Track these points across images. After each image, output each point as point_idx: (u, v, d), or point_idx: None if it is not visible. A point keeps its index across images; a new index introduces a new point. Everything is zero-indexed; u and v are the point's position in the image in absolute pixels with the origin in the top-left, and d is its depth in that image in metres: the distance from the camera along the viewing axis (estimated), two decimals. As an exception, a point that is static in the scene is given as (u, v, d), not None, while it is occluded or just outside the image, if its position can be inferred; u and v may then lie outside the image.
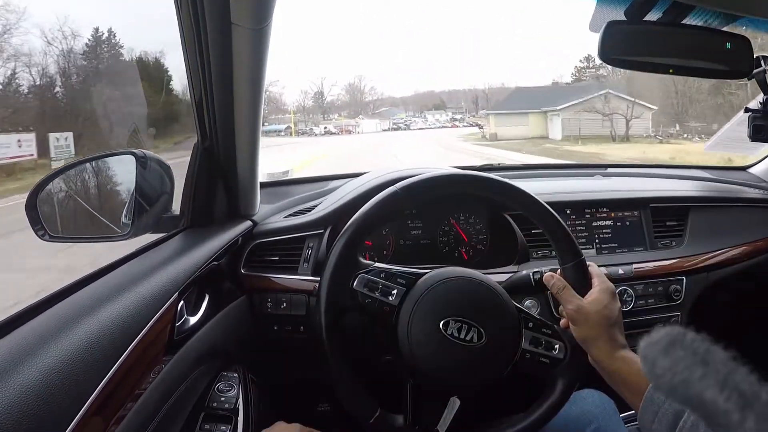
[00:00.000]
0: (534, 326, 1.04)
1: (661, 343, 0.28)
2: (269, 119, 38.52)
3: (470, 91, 50.41)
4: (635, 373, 0.90)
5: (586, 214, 1.60)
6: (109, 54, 12.40)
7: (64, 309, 0.78)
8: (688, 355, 0.27)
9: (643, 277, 1.50)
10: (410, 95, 51.69)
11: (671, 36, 0.98)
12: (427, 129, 42.81)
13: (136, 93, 9.73)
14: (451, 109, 48.99)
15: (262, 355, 1.39)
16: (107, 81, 12.38)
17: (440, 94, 52.87)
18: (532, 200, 1.08)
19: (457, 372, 1.00)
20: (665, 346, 0.28)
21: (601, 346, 0.96)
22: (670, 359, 0.28)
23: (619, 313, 1.00)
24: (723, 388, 0.26)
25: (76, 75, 11.78)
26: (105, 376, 0.70)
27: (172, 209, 1.25)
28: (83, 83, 11.75)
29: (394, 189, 1.06)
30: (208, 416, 0.96)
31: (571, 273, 1.05)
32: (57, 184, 1.13)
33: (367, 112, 48.90)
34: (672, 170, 2.11)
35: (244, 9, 0.98)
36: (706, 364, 0.27)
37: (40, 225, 1.09)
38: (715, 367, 0.26)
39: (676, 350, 0.28)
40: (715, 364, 0.27)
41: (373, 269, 1.04)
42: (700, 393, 0.26)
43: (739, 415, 0.25)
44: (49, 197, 1.12)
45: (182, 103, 9.70)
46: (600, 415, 1.17)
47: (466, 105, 48.07)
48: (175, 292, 0.95)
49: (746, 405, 0.25)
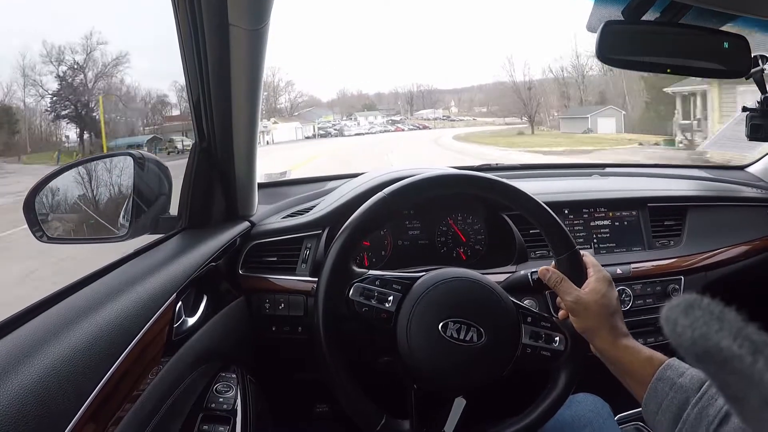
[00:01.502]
0: (533, 320, 1.04)
1: (681, 306, 0.33)
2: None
3: (395, 94, 47.29)
4: (639, 363, 0.90)
5: (584, 213, 1.60)
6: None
7: (63, 310, 0.78)
8: (705, 314, 0.31)
9: (641, 276, 1.50)
10: (336, 98, 46.54)
11: (669, 35, 0.99)
12: (367, 134, 37.37)
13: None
14: (384, 111, 45.91)
15: (260, 355, 1.39)
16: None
17: (373, 96, 49.44)
18: (523, 196, 1.09)
19: (459, 373, 1.00)
20: (685, 307, 0.32)
21: (604, 335, 0.96)
22: (689, 318, 0.32)
23: (618, 301, 1.01)
24: (736, 338, 0.29)
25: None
26: (103, 378, 0.70)
27: (170, 210, 1.25)
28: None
29: (382, 195, 1.06)
30: (207, 417, 0.96)
31: (566, 264, 1.05)
32: (55, 185, 1.13)
33: (282, 114, 40.22)
34: (670, 170, 2.11)
35: (242, 10, 0.98)
36: (721, 320, 0.31)
37: (38, 227, 1.09)
38: (729, 322, 0.30)
39: (695, 311, 0.32)
40: (729, 321, 0.31)
41: (368, 277, 1.04)
42: (718, 342, 0.30)
43: (751, 358, 0.29)
44: (47, 199, 1.12)
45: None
46: (595, 418, 1.17)
47: (402, 105, 45.65)
48: (173, 293, 0.94)
49: (757, 350, 0.29)
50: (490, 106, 44.61)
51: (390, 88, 58.11)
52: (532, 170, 2.09)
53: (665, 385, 0.82)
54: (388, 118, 43.16)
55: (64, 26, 48.59)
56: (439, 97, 47.10)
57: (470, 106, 48.74)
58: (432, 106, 45.88)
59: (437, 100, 46.76)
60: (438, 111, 45.09)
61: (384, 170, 1.60)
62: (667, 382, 0.83)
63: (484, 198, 1.50)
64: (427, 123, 41.06)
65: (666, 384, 0.83)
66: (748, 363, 0.28)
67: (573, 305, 0.99)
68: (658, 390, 0.83)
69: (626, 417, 1.40)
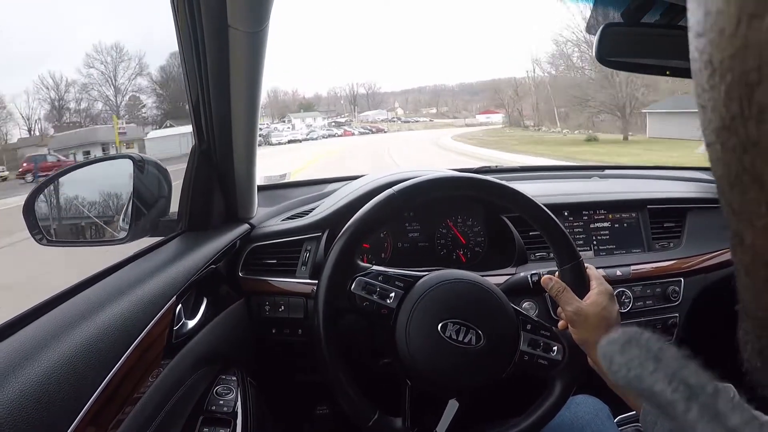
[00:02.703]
0: (532, 328, 1.05)
1: (619, 342, 0.31)
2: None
3: (335, 95, 44.87)
4: None
5: (583, 215, 1.60)
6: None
7: (63, 313, 0.78)
8: (642, 352, 0.30)
9: (641, 278, 1.50)
10: (266, 98, 42.90)
11: (668, 38, 0.98)
12: (305, 141, 30.72)
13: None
14: (324, 112, 42.65)
15: (260, 358, 1.39)
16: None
17: (311, 98, 46.86)
18: (529, 202, 1.08)
19: (456, 374, 1.00)
20: (622, 344, 0.31)
21: None
22: (625, 356, 0.30)
23: (618, 316, 1.00)
24: (671, 381, 0.28)
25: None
26: (103, 380, 0.70)
27: (170, 213, 1.25)
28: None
29: (390, 192, 1.06)
30: (207, 420, 0.96)
31: (569, 275, 1.05)
32: (55, 188, 1.13)
33: (181, 116, 33.54)
34: (670, 171, 2.11)
35: (241, 12, 0.98)
36: (657, 361, 0.29)
37: (38, 230, 1.09)
38: (666, 362, 0.29)
39: (632, 348, 0.30)
40: (667, 360, 0.29)
41: (371, 272, 1.04)
42: (651, 386, 0.28)
43: (684, 405, 0.27)
44: (47, 202, 1.12)
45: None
46: (594, 420, 1.17)
47: (344, 106, 43.35)
48: (173, 295, 0.94)
49: (692, 396, 0.27)
50: (441, 107, 43.93)
51: (328, 89, 55.81)
52: (531, 172, 2.10)
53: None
54: (330, 120, 39.61)
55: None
56: (382, 98, 46.19)
57: (416, 107, 48.05)
58: (376, 107, 44.54)
59: (381, 101, 45.79)
60: (383, 112, 43.59)
61: (385, 172, 1.61)
62: None
63: (486, 201, 1.50)
64: (380, 125, 38.48)
65: None
66: (681, 410, 0.27)
67: (573, 316, 0.99)
68: None
69: (625, 419, 1.40)
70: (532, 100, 32.65)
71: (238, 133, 1.21)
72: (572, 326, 1.00)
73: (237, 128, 1.20)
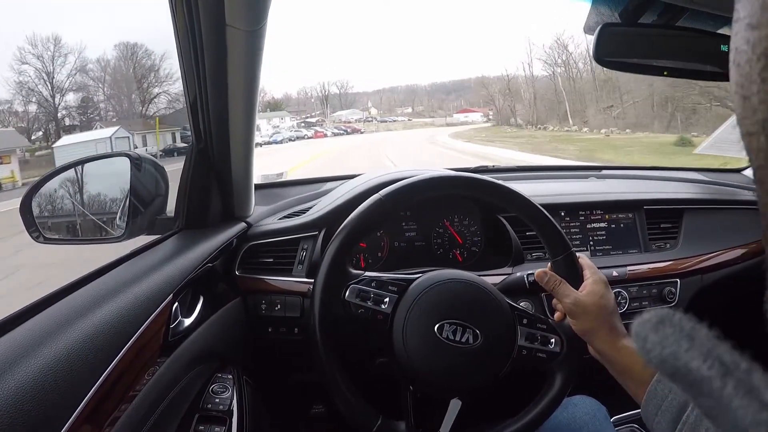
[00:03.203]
0: (528, 322, 1.05)
1: (652, 322, 0.31)
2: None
3: (305, 95, 42.78)
4: (640, 364, 0.90)
5: (580, 216, 1.60)
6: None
7: (60, 311, 0.78)
8: (676, 331, 0.30)
9: (637, 279, 1.50)
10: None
11: (666, 38, 0.99)
12: (267, 145, 26.92)
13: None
14: (293, 112, 38.43)
15: (256, 356, 1.39)
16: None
17: (279, 99, 43.88)
18: (519, 197, 1.09)
19: (455, 374, 1.00)
20: (655, 323, 0.31)
21: (603, 336, 0.96)
22: (659, 335, 0.31)
23: (615, 302, 1.01)
24: (706, 358, 0.28)
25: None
26: (100, 378, 0.70)
27: (167, 211, 1.25)
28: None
29: (378, 197, 1.06)
30: (203, 418, 0.96)
31: (562, 266, 1.05)
32: (52, 186, 1.12)
33: (127, 117, 30.74)
34: (666, 172, 2.11)
35: (239, 10, 0.98)
36: (692, 339, 0.29)
37: (35, 227, 1.09)
38: (700, 341, 0.29)
39: (665, 327, 0.31)
40: (700, 339, 0.29)
41: (364, 278, 1.05)
42: (687, 363, 0.29)
43: (720, 381, 0.27)
44: (44, 200, 1.12)
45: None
46: (591, 421, 1.17)
47: (315, 105, 40.99)
48: (169, 293, 0.94)
49: (727, 372, 0.27)
50: (416, 106, 43.20)
51: (299, 89, 53.25)
52: (528, 172, 2.10)
53: (665, 387, 0.82)
54: (299, 120, 36.14)
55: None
56: (355, 98, 45.50)
57: (391, 107, 47.51)
58: (349, 107, 43.53)
59: (354, 101, 45.10)
60: (357, 111, 42.40)
61: (382, 171, 1.61)
62: (667, 384, 0.82)
63: (480, 199, 1.50)
64: (355, 125, 36.13)
65: (666, 386, 0.82)
66: (716, 386, 0.27)
67: (572, 307, 0.99)
68: (658, 391, 0.83)
69: (622, 419, 1.41)
70: (528, 96, 31.83)
71: (235, 132, 1.21)
72: (571, 317, 1.00)
73: (234, 127, 1.20)
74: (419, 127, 37.22)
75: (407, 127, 37.44)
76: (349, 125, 36.06)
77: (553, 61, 32.51)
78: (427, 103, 49.08)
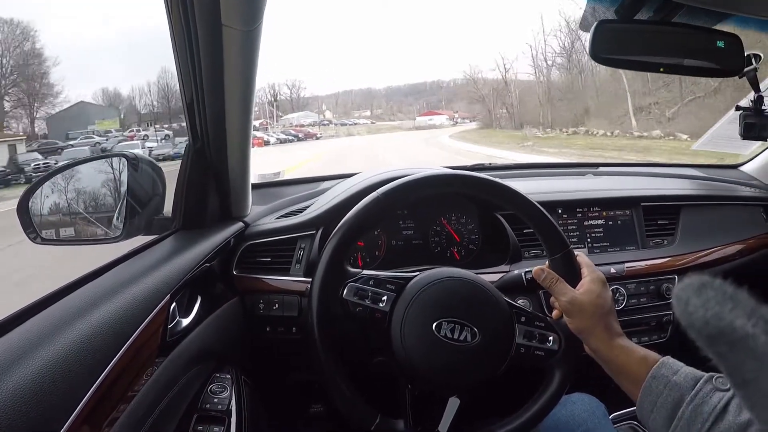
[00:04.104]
0: (526, 320, 1.05)
1: (694, 285, 0.33)
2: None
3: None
4: (634, 363, 0.90)
5: (577, 213, 1.60)
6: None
7: (57, 311, 0.78)
8: (718, 294, 0.32)
9: (634, 276, 1.51)
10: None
11: (662, 34, 0.99)
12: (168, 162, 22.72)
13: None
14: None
15: (254, 356, 1.39)
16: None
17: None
18: (516, 195, 1.09)
19: (454, 372, 1.00)
20: (697, 287, 0.33)
21: (599, 335, 0.96)
22: (702, 298, 0.32)
23: (612, 301, 1.01)
24: (750, 317, 0.30)
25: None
26: (98, 378, 0.70)
27: (164, 211, 1.25)
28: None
29: (375, 195, 1.06)
30: (201, 417, 0.96)
31: (559, 264, 1.05)
32: (49, 187, 1.12)
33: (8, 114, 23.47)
34: (663, 169, 2.12)
35: (235, 10, 0.98)
36: (734, 300, 0.31)
37: (32, 228, 1.09)
38: (743, 302, 0.31)
39: (708, 290, 0.32)
40: (742, 301, 0.31)
41: (362, 277, 1.04)
42: (731, 322, 0.30)
43: (765, 338, 0.29)
44: (41, 200, 1.12)
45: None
46: (589, 418, 1.18)
47: (264, 107, 39.25)
48: (167, 294, 0.94)
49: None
50: (375, 110, 42.47)
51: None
52: (525, 169, 2.10)
53: (660, 384, 0.83)
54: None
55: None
56: (307, 102, 44.91)
57: (347, 110, 47.03)
58: (301, 109, 42.60)
59: (306, 105, 44.52)
60: (311, 114, 41.40)
61: (378, 170, 1.60)
62: (662, 380, 0.83)
63: (477, 197, 1.50)
64: (309, 129, 33.25)
65: (660, 382, 0.83)
66: (762, 342, 0.29)
67: (568, 305, 0.99)
68: (653, 388, 0.83)
69: (621, 416, 1.41)
70: (511, 99, 30.73)
71: (232, 131, 1.21)
72: (568, 316, 1.00)
73: (231, 126, 1.20)
74: (386, 130, 35.51)
75: (371, 131, 35.95)
76: (302, 129, 33.06)
77: (570, 46, 29.45)
78: (386, 107, 48.85)
